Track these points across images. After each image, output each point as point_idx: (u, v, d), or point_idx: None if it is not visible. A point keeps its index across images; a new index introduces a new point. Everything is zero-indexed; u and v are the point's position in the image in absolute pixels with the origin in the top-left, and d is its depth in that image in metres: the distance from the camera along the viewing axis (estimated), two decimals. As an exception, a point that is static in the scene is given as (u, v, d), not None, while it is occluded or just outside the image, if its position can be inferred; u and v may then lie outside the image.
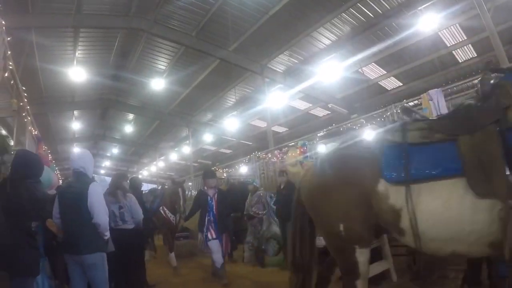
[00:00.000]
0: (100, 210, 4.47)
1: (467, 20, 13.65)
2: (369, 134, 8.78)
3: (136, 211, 6.30)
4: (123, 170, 36.09)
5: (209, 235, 7.73)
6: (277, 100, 20.36)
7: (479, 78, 3.49)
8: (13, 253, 3.85)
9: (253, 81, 20.54)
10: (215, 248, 7.67)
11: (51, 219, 4.51)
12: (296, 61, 18.56)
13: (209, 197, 8.01)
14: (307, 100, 22.72)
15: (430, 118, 6.37)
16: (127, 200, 6.30)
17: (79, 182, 4.60)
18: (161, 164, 37.56)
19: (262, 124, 25.72)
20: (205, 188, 8.28)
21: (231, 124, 23.72)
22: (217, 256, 7.67)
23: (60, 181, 7.90)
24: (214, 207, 7.93)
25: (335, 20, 14.88)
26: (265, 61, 18.37)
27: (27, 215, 3.96)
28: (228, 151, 34.22)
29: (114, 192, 6.33)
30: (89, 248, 4.37)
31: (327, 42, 16.62)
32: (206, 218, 7.83)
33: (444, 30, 14.72)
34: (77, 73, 17.31)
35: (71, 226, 4.39)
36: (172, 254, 9.79)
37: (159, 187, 14.75)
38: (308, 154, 10.41)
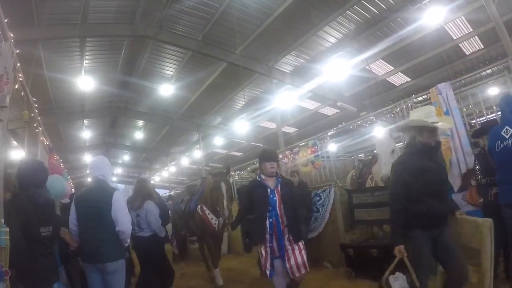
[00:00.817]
0: (124, 218, 4.51)
1: (472, 12, 13.54)
2: (380, 131, 8.77)
3: (150, 220, 6.18)
4: (143, 177, 36.03)
5: (275, 248, 5.11)
6: (286, 100, 20.35)
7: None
8: (29, 263, 3.86)
9: (261, 82, 20.58)
10: (279, 270, 5.14)
11: (64, 228, 4.54)
12: (303, 61, 18.54)
13: (269, 190, 5.23)
14: (315, 100, 22.68)
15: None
16: (143, 209, 6.25)
17: (101, 190, 4.62)
18: (172, 169, 37.61)
19: (272, 126, 25.74)
20: (262, 177, 5.45)
21: (241, 126, 23.72)
22: (280, 285, 5.23)
23: (73, 190, 7.85)
24: (277, 205, 5.16)
25: (340, 18, 14.84)
26: (272, 62, 18.40)
27: (33, 223, 3.97)
28: (239, 154, 34.24)
29: (135, 199, 6.32)
30: (113, 255, 4.40)
31: (333, 40, 16.58)
32: (268, 222, 5.10)
33: (450, 23, 14.60)
34: (85, 82, 17.44)
35: (93, 234, 4.41)
36: (217, 270, 7.92)
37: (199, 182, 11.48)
38: (319, 153, 10.38)
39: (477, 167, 5.38)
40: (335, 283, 7.14)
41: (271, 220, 5.09)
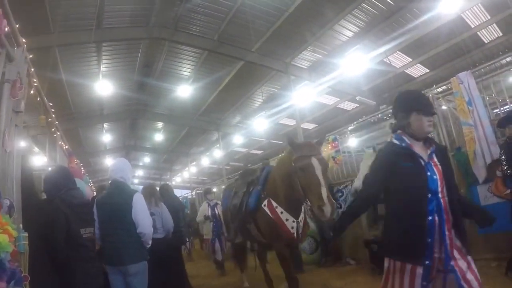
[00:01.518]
0: (145, 220, 4.50)
1: (490, -1, 13.27)
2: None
3: (166, 219, 6.20)
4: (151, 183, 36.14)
5: (435, 265, 2.76)
6: (304, 97, 20.24)
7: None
8: (69, 269, 3.84)
9: (278, 79, 20.49)
10: None
11: None
12: (320, 56, 18.39)
13: (421, 161, 2.88)
14: (334, 95, 22.53)
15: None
16: (159, 207, 6.25)
17: (121, 192, 4.61)
18: (193, 169, 37.66)
19: (291, 122, 25.67)
20: (405, 139, 2.99)
21: (260, 124, 23.67)
22: None
23: (94, 193, 7.89)
24: (440, 189, 2.83)
25: (355, 11, 14.68)
26: (289, 58, 18.29)
27: (73, 225, 3.97)
28: (259, 152, 34.15)
29: (149, 198, 6.27)
30: (135, 258, 4.39)
31: (350, 34, 16.41)
32: (427, 221, 2.75)
33: (467, 11, 14.28)
34: (103, 86, 17.53)
35: (114, 236, 4.40)
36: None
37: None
38: (339, 148, 10.27)
39: (503, 157, 5.25)
40: (359, 279, 7.08)
41: (430, 217, 2.76)
